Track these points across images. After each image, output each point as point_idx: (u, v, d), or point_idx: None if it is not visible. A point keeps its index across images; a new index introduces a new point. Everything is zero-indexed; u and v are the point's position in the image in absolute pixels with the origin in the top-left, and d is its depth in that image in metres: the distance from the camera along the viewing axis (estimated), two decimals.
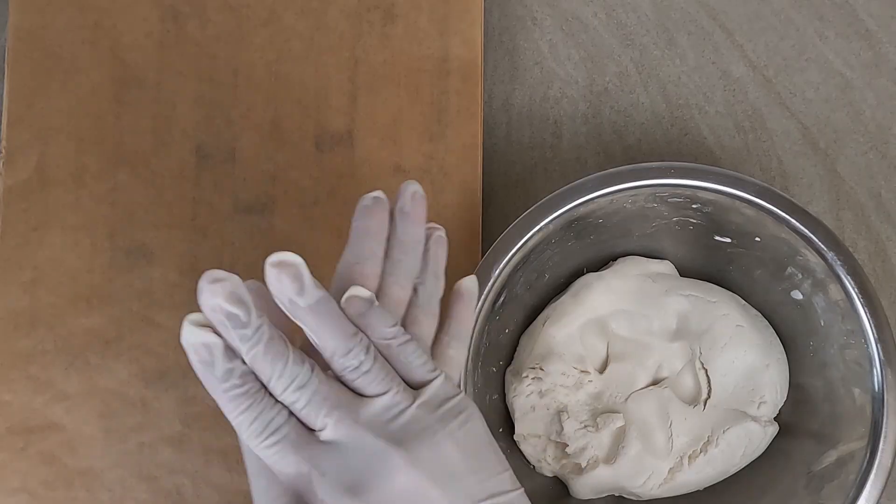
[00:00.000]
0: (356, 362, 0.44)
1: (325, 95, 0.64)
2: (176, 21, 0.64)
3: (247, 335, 0.42)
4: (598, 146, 0.67)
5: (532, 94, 0.68)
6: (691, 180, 0.58)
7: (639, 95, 0.68)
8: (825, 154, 0.67)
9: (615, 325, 0.62)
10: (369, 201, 0.48)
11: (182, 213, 0.63)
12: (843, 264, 0.57)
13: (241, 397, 0.43)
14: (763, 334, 0.62)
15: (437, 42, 0.65)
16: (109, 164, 0.63)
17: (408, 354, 0.45)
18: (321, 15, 0.65)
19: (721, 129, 0.67)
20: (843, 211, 0.67)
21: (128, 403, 0.62)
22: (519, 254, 0.58)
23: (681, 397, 0.62)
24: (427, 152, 0.64)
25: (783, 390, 0.62)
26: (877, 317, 0.57)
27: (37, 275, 0.62)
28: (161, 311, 0.62)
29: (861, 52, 0.68)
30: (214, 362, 0.42)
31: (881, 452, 0.56)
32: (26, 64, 0.63)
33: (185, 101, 0.64)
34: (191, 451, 0.62)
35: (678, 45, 0.68)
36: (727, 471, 0.62)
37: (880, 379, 0.56)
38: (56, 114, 0.63)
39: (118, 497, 0.61)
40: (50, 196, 0.63)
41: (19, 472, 0.61)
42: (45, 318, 0.62)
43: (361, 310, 0.45)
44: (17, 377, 0.62)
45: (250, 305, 0.42)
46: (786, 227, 0.57)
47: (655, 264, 0.63)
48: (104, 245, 0.63)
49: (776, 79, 0.68)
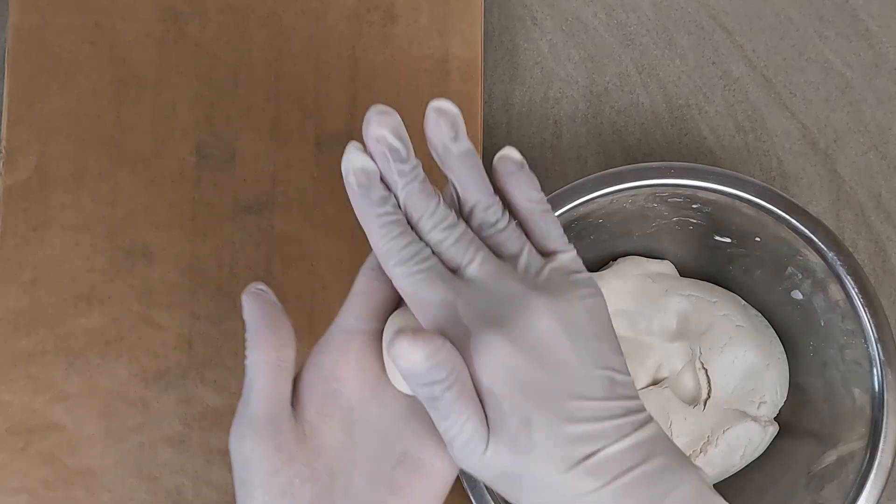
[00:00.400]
0: (494, 218, 0.45)
1: (325, 95, 0.64)
2: (176, 21, 0.64)
3: (405, 170, 0.44)
4: (598, 146, 0.67)
5: (532, 94, 0.68)
6: (691, 180, 0.58)
7: (639, 95, 0.68)
8: (825, 154, 0.67)
9: (615, 325, 0.62)
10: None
11: (182, 213, 0.63)
12: (843, 264, 0.57)
13: (393, 224, 0.44)
14: (763, 334, 0.62)
15: (437, 42, 0.65)
16: (109, 164, 0.63)
17: (548, 221, 0.46)
18: (321, 15, 0.65)
19: (721, 129, 0.67)
20: (843, 211, 0.67)
21: (128, 403, 0.62)
22: None
23: (681, 397, 0.62)
24: (427, 152, 0.64)
25: (783, 390, 0.62)
26: (877, 317, 0.57)
27: (37, 275, 0.62)
28: (161, 311, 0.62)
29: (861, 52, 0.68)
30: (371, 187, 0.44)
31: (881, 452, 0.56)
32: (26, 64, 0.63)
33: (185, 101, 0.64)
34: (191, 451, 0.62)
35: (678, 45, 0.68)
36: (727, 471, 0.62)
37: (880, 379, 0.56)
38: (56, 114, 0.63)
39: (118, 497, 0.61)
40: (50, 196, 0.63)
41: (19, 472, 0.61)
42: (45, 318, 0.62)
43: (513, 169, 0.46)
44: (17, 377, 0.62)
45: (409, 144, 0.44)
46: (786, 227, 0.57)
47: (655, 264, 0.63)
48: (104, 245, 0.63)
49: (776, 79, 0.68)
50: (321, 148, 0.64)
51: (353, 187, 0.44)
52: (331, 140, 0.64)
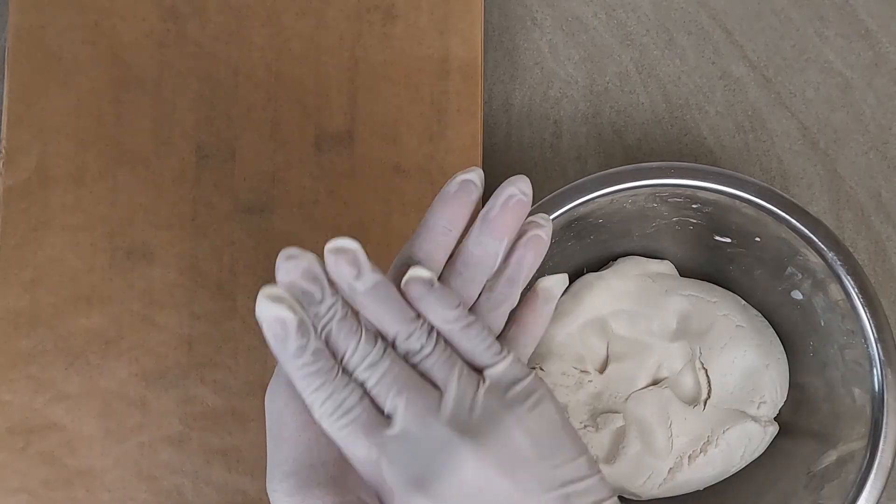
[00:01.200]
0: (417, 346, 0.43)
1: (325, 95, 0.64)
2: (176, 21, 0.64)
3: (320, 312, 0.42)
4: (598, 146, 0.67)
5: (532, 94, 0.68)
6: (691, 180, 0.58)
7: (639, 95, 0.68)
8: (825, 154, 0.67)
9: (615, 325, 0.62)
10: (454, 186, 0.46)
11: (182, 213, 0.63)
12: (843, 264, 0.57)
13: (313, 375, 0.42)
14: (763, 334, 0.62)
15: (437, 42, 0.65)
16: (109, 164, 0.63)
17: (472, 338, 0.44)
18: (321, 15, 0.65)
19: (721, 129, 0.67)
20: (843, 211, 0.67)
21: (128, 403, 0.62)
22: None
23: (681, 397, 0.62)
24: (427, 152, 0.64)
25: (783, 390, 0.62)
26: (877, 317, 0.57)
27: (37, 275, 0.62)
28: (161, 311, 0.62)
29: (861, 52, 0.68)
30: (287, 338, 0.41)
31: (881, 452, 0.56)
32: (26, 64, 0.63)
33: (185, 101, 0.64)
34: (191, 451, 0.62)
35: (678, 45, 0.68)
36: (727, 471, 0.62)
37: (880, 379, 0.56)
38: (56, 114, 0.63)
39: (118, 497, 0.61)
40: (50, 196, 0.63)
41: (19, 472, 0.61)
42: (45, 318, 0.62)
43: (421, 292, 0.44)
44: (17, 377, 0.62)
45: (325, 283, 0.42)
46: (786, 227, 0.57)
47: (655, 264, 0.63)
48: (104, 245, 0.63)
49: (776, 79, 0.68)
50: (321, 148, 0.64)
51: (270, 339, 0.42)
52: (331, 140, 0.64)
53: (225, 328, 0.63)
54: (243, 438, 0.62)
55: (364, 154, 0.64)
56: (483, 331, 0.44)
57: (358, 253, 0.42)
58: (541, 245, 0.46)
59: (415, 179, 0.64)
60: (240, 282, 0.63)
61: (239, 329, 0.63)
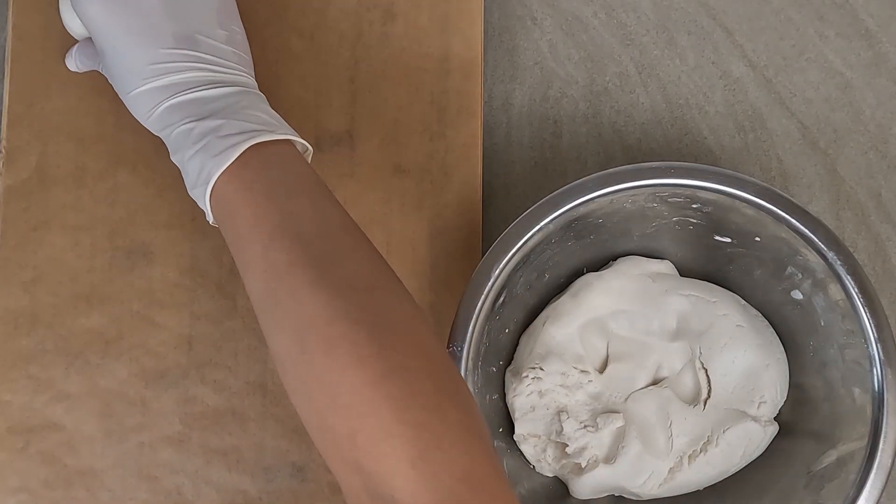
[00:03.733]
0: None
1: (325, 95, 0.64)
2: None
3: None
4: (598, 146, 0.67)
5: (532, 94, 0.68)
6: (691, 180, 0.58)
7: (639, 95, 0.68)
8: (825, 154, 0.67)
9: (615, 325, 0.62)
10: None
11: (182, 213, 0.63)
12: (843, 264, 0.57)
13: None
14: (763, 334, 0.62)
15: (438, 41, 0.65)
16: (109, 164, 0.63)
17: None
18: (321, 15, 0.65)
19: (721, 129, 0.67)
20: (843, 211, 0.67)
21: (128, 403, 0.62)
22: (519, 254, 0.58)
23: (681, 397, 0.62)
24: (427, 152, 0.64)
25: (783, 390, 0.62)
26: (877, 317, 0.57)
27: (37, 275, 0.62)
28: (161, 311, 0.62)
29: (861, 52, 0.68)
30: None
31: (881, 452, 0.56)
32: (26, 64, 0.63)
33: None
34: (191, 451, 0.62)
35: (678, 45, 0.68)
36: (727, 471, 0.62)
37: (880, 379, 0.56)
38: (56, 114, 0.63)
39: (118, 497, 0.61)
40: (50, 196, 0.63)
41: (19, 472, 0.61)
42: (45, 318, 0.62)
43: None
44: (17, 377, 0.62)
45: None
46: (786, 227, 0.57)
47: (655, 264, 0.63)
48: (104, 245, 0.63)
49: (776, 79, 0.68)
50: (321, 148, 0.64)
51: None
52: (331, 140, 0.64)
53: (225, 328, 0.63)
54: (243, 438, 0.62)
55: (364, 154, 0.64)
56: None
57: None
58: None
59: (415, 179, 0.64)
60: (240, 282, 0.62)
61: (239, 329, 0.63)
